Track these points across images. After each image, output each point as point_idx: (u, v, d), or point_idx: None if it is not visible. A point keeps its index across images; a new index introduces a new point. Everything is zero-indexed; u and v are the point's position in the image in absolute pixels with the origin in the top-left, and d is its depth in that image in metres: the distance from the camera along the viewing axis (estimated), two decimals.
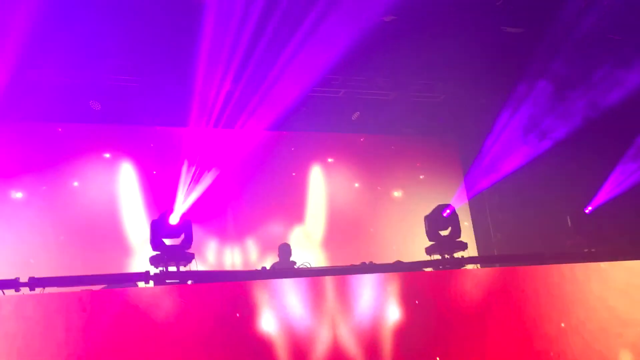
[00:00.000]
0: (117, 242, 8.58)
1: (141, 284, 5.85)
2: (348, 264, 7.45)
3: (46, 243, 7.81)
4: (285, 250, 7.96)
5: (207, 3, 6.96)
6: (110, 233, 8.54)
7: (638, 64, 7.50)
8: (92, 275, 5.93)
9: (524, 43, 8.02)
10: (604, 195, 7.57)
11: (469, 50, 8.21)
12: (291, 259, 7.89)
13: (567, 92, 8.27)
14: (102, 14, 7.00)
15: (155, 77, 8.46)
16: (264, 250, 9.14)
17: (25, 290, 5.20)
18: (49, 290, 5.18)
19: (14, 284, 5.21)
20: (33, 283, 5.19)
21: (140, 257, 8.42)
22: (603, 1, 6.96)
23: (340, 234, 9.67)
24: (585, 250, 7.08)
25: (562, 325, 6.18)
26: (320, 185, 9.86)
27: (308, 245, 9.58)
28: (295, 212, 9.65)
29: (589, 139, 8.41)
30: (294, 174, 9.75)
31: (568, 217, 7.49)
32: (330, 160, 9.94)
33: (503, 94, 8.89)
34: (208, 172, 8.59)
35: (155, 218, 6.38)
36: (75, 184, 8.56)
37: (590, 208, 7.41)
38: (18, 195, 8.23)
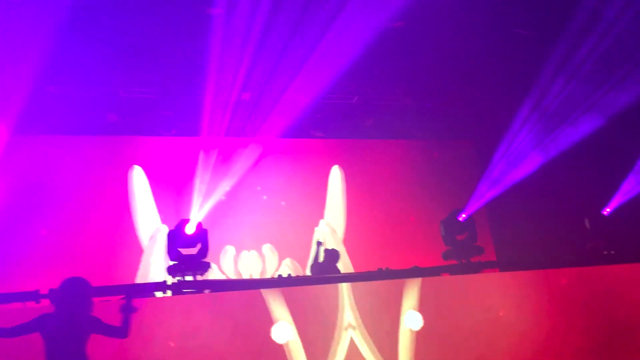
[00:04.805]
0: (135, 253, 8.63)
1: (159, 294, 5.89)
2: (365, 269, 7.43)
3: (62, 254, 7.87)
4: (333, 256, 7.35)
5: (216, 13, 7.04)
6: (126, 243, 8.58)
7: None
8: (110, 286, 6.00)
9: (537, 45, 7.96)
10: (621, 197, 7.48)
11: (482, 52, 8.18)
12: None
13: (581, 96, 8.19)
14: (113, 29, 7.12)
15: (167, 89, 8.55)
16: (282, 257, 9.14)
17: (44, 301, 5.28)
18: None
19: (34, 295, 5.30)
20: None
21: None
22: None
23: (358, 240, 9.62)
24: (605, 252, 7.00)
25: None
26: (337, 191, 9.83)
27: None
28: (313, 219, 9.60)
29: (605, 141, 8.31)
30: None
31: (586, 220, 7.41)
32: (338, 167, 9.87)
33: (521, 97, 8.82)
34: (223, 180, 8.61)
35: (172, 228, 6.44)
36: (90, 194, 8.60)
37: (608, 210, 7.33)
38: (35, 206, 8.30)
